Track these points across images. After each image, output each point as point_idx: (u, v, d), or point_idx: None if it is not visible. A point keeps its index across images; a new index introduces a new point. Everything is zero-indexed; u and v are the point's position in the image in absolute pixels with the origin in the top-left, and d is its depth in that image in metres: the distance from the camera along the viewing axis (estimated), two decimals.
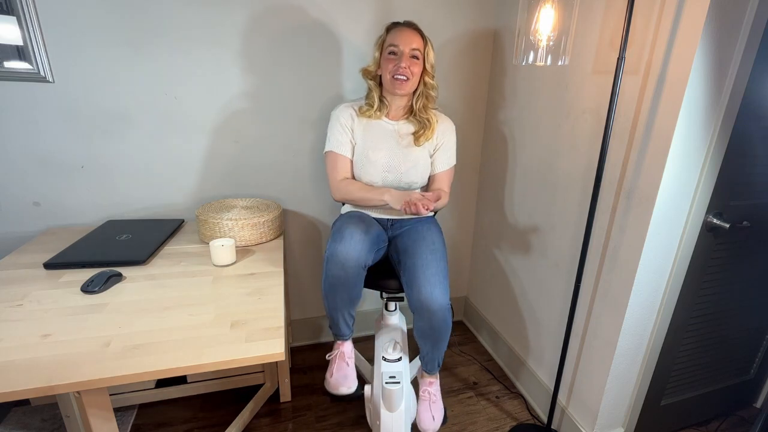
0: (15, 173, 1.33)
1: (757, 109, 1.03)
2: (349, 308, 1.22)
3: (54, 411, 1.42)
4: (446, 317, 1.14)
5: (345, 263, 1.11)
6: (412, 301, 1.15)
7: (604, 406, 1.26)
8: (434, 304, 1.11)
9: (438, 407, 1.28)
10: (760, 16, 0.92)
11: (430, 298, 1.11)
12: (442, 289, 1.13)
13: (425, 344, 1.22)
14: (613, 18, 1.11)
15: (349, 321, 1.27)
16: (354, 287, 1.16)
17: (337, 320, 1.25)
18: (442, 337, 1.18)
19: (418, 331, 1.20)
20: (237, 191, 1.57)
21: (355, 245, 1.12)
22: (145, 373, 0.73)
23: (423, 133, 1.29)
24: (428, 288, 1.12)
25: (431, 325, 1.15)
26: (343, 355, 1.30)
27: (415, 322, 1.19)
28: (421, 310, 1.13)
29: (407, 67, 1.19)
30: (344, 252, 1.11)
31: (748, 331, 1.41)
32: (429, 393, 1.28)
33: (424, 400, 1.28)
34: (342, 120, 1.29)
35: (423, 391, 1.29)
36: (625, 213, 1.11)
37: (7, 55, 1.21)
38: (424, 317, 1.14)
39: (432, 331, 1.16)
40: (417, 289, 1.13)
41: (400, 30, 1.21)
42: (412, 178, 1.30)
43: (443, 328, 1.16)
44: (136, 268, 1.11)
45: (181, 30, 1.33)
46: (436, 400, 1.28)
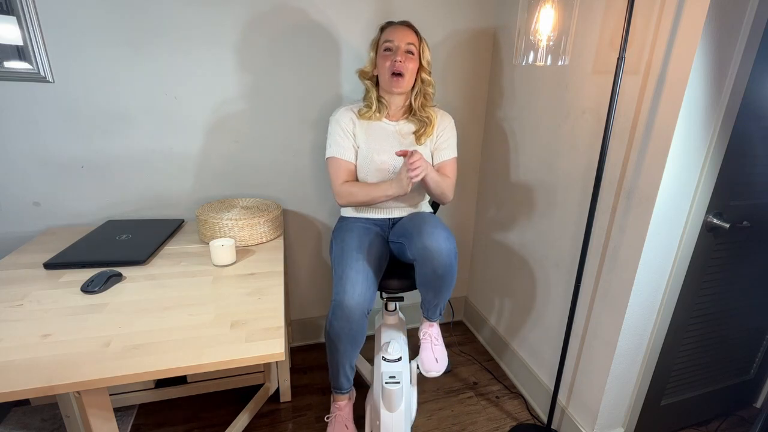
0: (15, 173, 1.33)
1: (757, 109, 1.03)
2: (351, 359, 1.21)
3: (54, 411, 1.42)
4: (452, 262, 1.09)
5: (350, 316, 1.10)
6: (416, 249, 1.10)
7: (604, 406, 1.26)
8: (440, 245, 1.06)
9: (440, 350, 1.25)
10: (760, 16, 0.92)
11: (435, 242, 1.06)
12: (445, 233, 1.09)
13: (428, 292, 1.17)
14: (613, 18, 1.11)
15: (350, 374, 1.25)
16: (358, 334, 1.15)
17: (338, 371, 1.23)
18: (446, 283, 1.13)
19: (421, 278, 1.14)
20: (237, 191, 1.57)
21: (360, 291, 1.11)
22: (145, 373, 0.73)
23: (424, 131, 1.29)
24: (433, 236, 1.07)
25: (435, 270, 1.09)
26: (341, 419, 1.29)
27: (418, 269, 1.13)
28: (425, 254, 1.08)
29: (403, 61, 1.19)
30: (349, 304, 1.09)
31: (748, 331, 1.41)
32: (430, 336, 1.26)
33: (425, 343, 1.25)
34: (343, 124, 1.28)
35: (423, 334, 1.27)
36: (625, 213, 1.11)
37: (7, 55, 1.21)
38: (429, 261, 1.08)
39: (436, 278, 1.11)
40: (420, 238, 1.08)
41: (394, 27, 1.21)
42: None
43: (448, 274, 1.11)
44: (136, 268, 1.11)
45: (181, 30, 1.33)
46: (438, 343, 1.26)
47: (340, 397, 1.30)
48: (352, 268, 1.14)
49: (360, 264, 1.15)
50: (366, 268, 1.16)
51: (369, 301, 1.13)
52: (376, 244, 1.26)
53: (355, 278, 1.12)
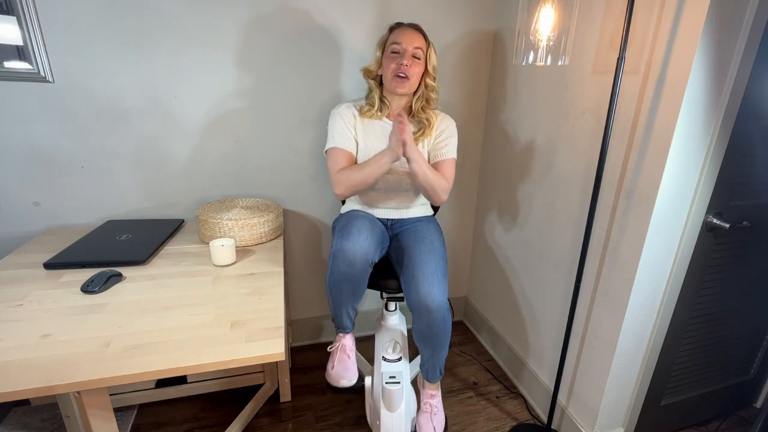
0: (15, 173, 1.33)
1: (757, 109, 1.03)
2: (353, 303, 1.22)
3: (54, 411, 1.42)
4: (445, 317, 1.13)
5: (353, 260, 1.10)
6: (411, 300, 1.14)
7: (604, 406, 1.26)
8: (433, 302, 1.10)
9: (439, 419, 1.26)
10: (760, 16, 0.92)
11: (428, 297, 1.10)
12: (440, 287, 1.12)
13: (425, 348, 1.21)
14: (613, 18, 1.11)
15: (352, 314, 1.27)
16: (360, 283, 1.16)
17: (340, 314, 1.24)
18: (441, 339, 1.17)
19: (417, 333, 1.18)
20: (237, 191, 1.57)
21: (362, 242, 1.12)
22: (145, 373, 0.73)
23: (422, 133, 1.29)
24: (426, 287, 1.11)
25: (430, 325, 1.14)
26: (345, 348, 1.30)
27: (414, 323, 1.18)
28: (419, 309, 1.13)
29: (409, 65, 1.19)
30: (352, 248, 1.10)
31: (748, 331, 1.41)
32: (431, 405, 1.27)
33: (425, 412, 1.26)
34: (345, 118, 1.28)
35: (425, 403, 1.27)
36: (625, 213, 1.11)
37: (7, 55, 1.21)
38: (423, 317, 1.13)
39: (431, 333, 1.15)
40: (415, 288, 1.13)
41: (403, 29, 1.21)
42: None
43: (442, 329, 1.15)
44: (136, 268, 1.11)
45: (181, 30, 1.33)
46: (437, 412, 1.27)
47: (343, 336, 1.32)
48: (354, 225, 1.15)
49: (364, 224, 1.16)
50: (369, 229, 1.16)
51: (371, 252, 1.13)
52: (378, 225, 1.26)
53: (360, 228, 1.13)
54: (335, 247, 1.13)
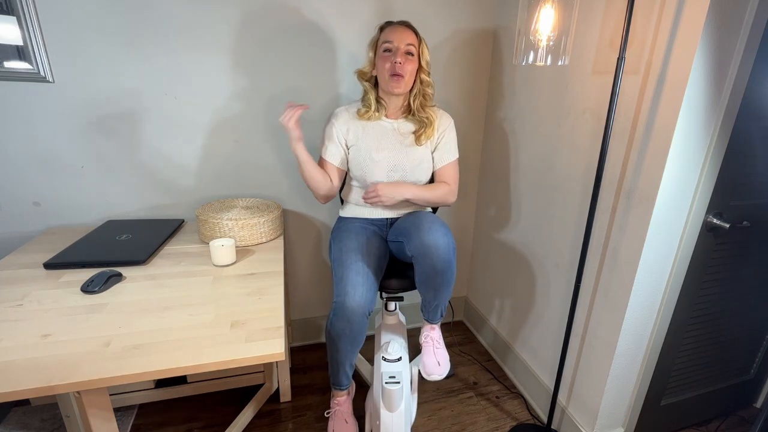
0: (15, 173, 1.33)
1: (757, 109, 1.03)
2: (351, 358, 1.22)
3: (54, 411, 1.42)
4: (450, 257, 1.08)
5: (351, 317, 1.11)
6: (414, 246, 1.09)
7: (604, 406, 1.26)
8: (438, 241, 1.06)
9: (442, 353, 1.24)
10: (760, 16, 0.92)
11: (433, 238, 1.06)
12: (444, 231, 1.09)
13: (427, 291, 1.15)
14: (613, 18, 1.11)
15: (350, 371, 1.26)
16: (358, 335, 1.15)
17: (338, 370, 1.24)
18: (445, 280, 1.11)
19: (420, 276, 1.13)
20: (237, 191, 1.57)
21: (362, 293, 1.11)
22: (145, 373, 0.73)
23: (424, 131, 1.28)
24: (431, 232, 1.07)
25: (434, 266, 1.08)
26: (342, 414, 1.31)
27: (417, 267, 1.12)
28: (424, 250, 1.07)
29: (402, 63, 1.18)
30: (351, 306, 1.10)
31: (748, 331, 1.41)
32: (431, 339, 1.25)
33: (427, 346, 1.25)
34: (336, 128, 1.29)
35: (425, 337, 1.26)
36: (625, 213, 1.11)
37: (7, 55, 1.21)
38: (428, 257, 1.07)
39: (435, 274, 1.09)
40: (418, 235, 1.08)
41: (393, 27, 1.20)
42: (417, 176, 1.30)
43: (447, 270, 1.09)
44: (136, 268, 1.11)
45: (181, 30, 1.33)
46: (440, 347, 1.26)
47: (339, 393, 1.32)
48: (351, 269, 1.14)
49: (360, 265, 1.16)
50: (366, 269, 1.16)
51: (370, 303, 1.13)
52: (375, 243, 1.26)
53: (356, 280, 1.12)
54: (336, 302, 1.13)
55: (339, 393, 1.32)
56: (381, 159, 1.27)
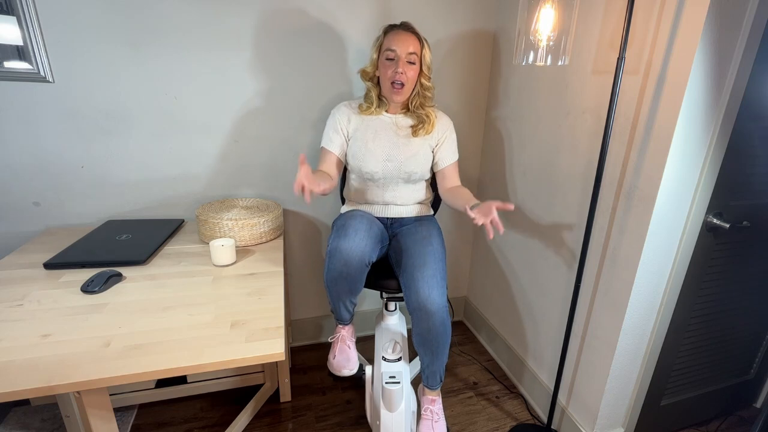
0: (15, 173, 1.33)
1: (757, 109, 1.03)
2: (350, 297, 1.23)
3: (54, 411, 1.42)
4: (444, 319, 1.13)
5: (348, 259, 1.11)
6: (410, 304, 1.15)
7: (604, 406, 1.26)
8: (432, 305, 1.11)
9: (440, 426, 1.26)
10: (760, 16, 0.92)
11: (427, 300, 1.11)
12: (439, 290, 1.12)
13: (425, 354, 1.20)
14: (613, 18, 1.11)
15: (350, 308, 1.29)
16: (356, 281, 1.17)
17: (339, 308, 1.26)
18: (441, 342, 1.17)
19: (417, 338, 1.18)
20: (237, 191, 1.57)
21: (359, 242, 1.12)
22: (145, 373, 0.73)
23: (422, 126, 1.30)
24: (426, 290, 1.11)
25: (429, 329, 1.14)
26: (344, 339, 1.33)
27: (414, 327, 1.17)
28: (419, 313, 1.13)
29: (404, 72, 1.20)
30: (347, 248, 1.11)
31: (748, 331, 1.41)
32: (431, 412, 1.26)
33: (426, 419, 1.25)
34: (338, 117, 1.31)
35: (425, 409, 1.27)
36: (625, 213, 1.11)
37: (7, 55, 1.21)
38: (423, 321, 1.13)
39: (430, 336, 1.15)
40: (415, 290, 1.13)
41: (396, 33, 1.21)
42: (412, 168, 1.30)
43: (442, 332, 1.15)
44: (136, 268, 1.11)
45: (181, 30, 1.33)
46: (439, 419, 1.26)
47: (342, 327, 1.35)
48: (351, 225, 1.16)
49: (362, 224, 1.17)
50: (366, 229, 1.17)
51: (368, 251, 1.14)
52: (377, 224, 1.27)
53: (357, 228, 1.14)
54: (331, 245, 1.14)
55: (342, 326, 1.35)
56: (376, 148, 1.28)
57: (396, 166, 1.29)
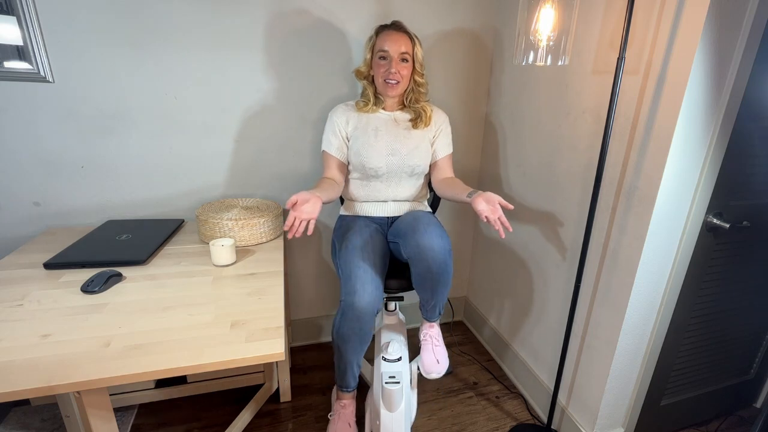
0: (15, 173, 1.33)
1: (757, 109, 1.03)
2: (359, 358, 1.22)
3: (54, 411, 1.42)
4: (446, 259, 1.10)
5: (361, 316, 1.10)
6: (409, 248, 1.11)
7: (604, 406, 1.26)
8: (434, 243, 1.08)
9: (441, 351, 1.25)
10: (760, 16, 0.92)
11: (428, 240, 1.08)
12: (440, 233, 1.11)
13: (425, 291, 1.17)
14: (613, 18, 1.11)
15: (356, 372, 1.27)
16: (367, 334, 1.16)
17: (345, 371, 1.24)
18: (441, 281, 1.13)
19: (416, 277, 1.15)
20: (237, 191, 1.57)
21: (371, 292, 1.10)
22: (145, 373, 0.73)
23: (420, 119, 1.33)
24: (426, 234, 1.09)
25: (429, 267, 1.10)
26: (345, 418, 1.29)
27: (413, 269, 1.14)
28: (419, 252, 1.09)
29: (397, 71, 1.23)
30: (360, 305, 1.09)
31: (748, 331, 1.41)
32: (430, 336, 1.26)
33: (426, 344, 1.26)
34: (336, 119, 1.32)
35: (424, 335, 1.27)
36: (625, 213, 1.11)
37: (7, 55, 1.21)
38: (423, 260, 1.09)
39: (431, 276, 1.11)
40: (414, 237, 1.10)
41: (388, 34, 1.23)
42: (415, 161, 1.31)
43: (443, 272, 1.11)
44: (136, 268, 1.11)
45: (180, 30, 1.33)
46: (439, 344, 1.26)
47: (345, 396, 1.31)
48: (359, 267, 1.14)
49: (366, 264, 1.15)
50: (372, 268, 1.16)
51: (378, 301, 1.13)
52: (377, 241, 1.26)
53: (364, 277, 1.12)
54: (345, 302, 1.11)
55: (345, 395, 1.30)
56: (378, 143, 1.29)
57: (400, 160, 1.30)
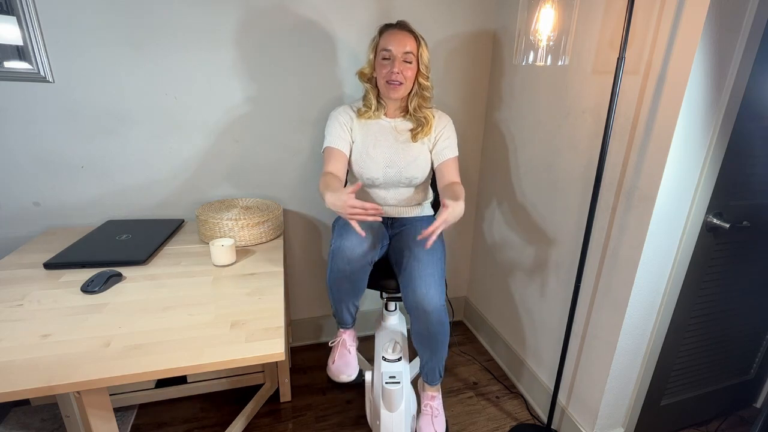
0: (15, 173, 1.33)
1: (757, 109, 1.03)
2: (353, 299, 1.24)
3: (54, 411, 1.42)
4: (442, 318, 1.13)
5: (351, 258, 1.11)
6: (408, 302, 1.15)
7: (604, 406, 1.26)
8: (429, 304, 1.10)
9: (440, 421, 1.26)
10: (760, 16, 0.92)
11: (425, 299, 1.10)
12: (437, 289, 1.12)
13: (424, 351, 1.21)
14: (613, 18, 1.11)
15: (353, 310, 1.29)
16: (359, 281, 1.17)
17: (341, 310, 1.27)
18: (439, 340, 1.17)
19: (416, 335, 1.19)
20: (237, 191, 1.57)
21: (361, 241, 1.12)
22: (145, 373, 0.73)
23: (421, 130, 1.28)
24: (423, 288, 1.11)
25: (428, 327, 1.14)
26: (345, 343, 1.33)
27: (412, 325, 1.18)
28: (416, 311, 1.13)
29: (400, 72, 1.18)
30: (350, 247, 1.11)
31: (748, 331, 1.41)
32: (431, 408, 1.26)
33: (425, 415, 1.26)
34: (341, 119, 1.29)
35: (425, 405, 1.27)
36: (625, 213, 1.11)
37: (7, 55, 1.21)
38: (420, 318, 1.13)
39: (429, 334, 1.15)
40: (412, 289, 1.12)
41: (392, 33, 1.19)
42: (412, 173, 1.29)
43: (440, 331, 1.15)
44: (136, 268, 1.11)
45: (181, 30, 1.33)
46: (438, 414, 1.27)
47: (343, 331, 1.35)
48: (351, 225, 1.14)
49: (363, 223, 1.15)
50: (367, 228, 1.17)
51: (370, 250, 1.14)
52: (376, 225, 1.27)
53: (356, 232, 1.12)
54: (334, 245, 1.14)
55: (343, 330, 1.35)
56: (377, 155, 1.27)
57: (397, 172, 1.29)
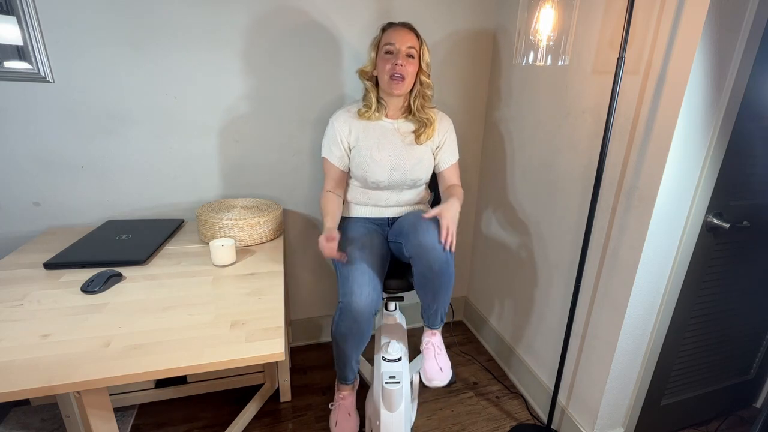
0: (15, 173, 1.33)
1: (757, 109, 1.03)
2: (357, 354, 1.23)
3: (54, 411, 1.42)
4: (448, 258, 1.09)
5: (358, 317, 1.11)
6: (411, 247, 1.11)
7: (604, 406, 1.26)
8: (436, 243, 1.07)
9: (444, 359, 1.25)
10: (760, 16, 0.92)
11: (430, 239, 1.07)
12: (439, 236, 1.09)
13: (426, 294, 1.16)
14: (613, 18, 1.11)
15: (355, 367, 1.29)
16: (365, 334, 1.16)
17: (344, 366, 1.26)
18: (443, 283, 1.12)
19: (417, 277, 1.13)
20: (237, 191, 1.57)
21: (369, 293, 1.11)
22: (145, 373, 0.73)
23: (424, 131, 1.29)
24: (428, 233, 1.08)
25: (430, 266, 1.08)
26: (345, 408, 1.33)
27: (414, 268, 1.13)
28: (420, 251, 1.08)
29: (403, 65, 1.18)
30: (357, 305, 1.09)
31: (748, 331, 1.41)
32: (432, 345, 1.25)
33: (428, 352, 1.25)
34: (338, 129, 1.28)
35: (426, 343, 1.26)
36: (625, 213, 1.11)
37: (7, 55, 1.21)
38: (424, 258, 1.08)
39: (432, 275, 1.10)
40: (415, 236, 1.09)
41: (395, 29, 1.20)
42: (417, 175, 1.30)
43: (444, 272, 1.10)
44: (136, 268, 1.11)
45: (181, 30, 1.33)
46: (441, 352, 1.26)
47: (344, 388, 1.34)
48: (357, 268, 1.14)
49: (364, 265, 1.15)
50: (370, 269, 1.16)
51: (375, 302, 1.13)
52: (377, 243, 1.26)
53: (361, 279, 1.12)
54: (341, 304, 1.12)
55: (344, 387, 1.34)
56: (381, 158, 1.27)
57: (402, 175, 1.29)
